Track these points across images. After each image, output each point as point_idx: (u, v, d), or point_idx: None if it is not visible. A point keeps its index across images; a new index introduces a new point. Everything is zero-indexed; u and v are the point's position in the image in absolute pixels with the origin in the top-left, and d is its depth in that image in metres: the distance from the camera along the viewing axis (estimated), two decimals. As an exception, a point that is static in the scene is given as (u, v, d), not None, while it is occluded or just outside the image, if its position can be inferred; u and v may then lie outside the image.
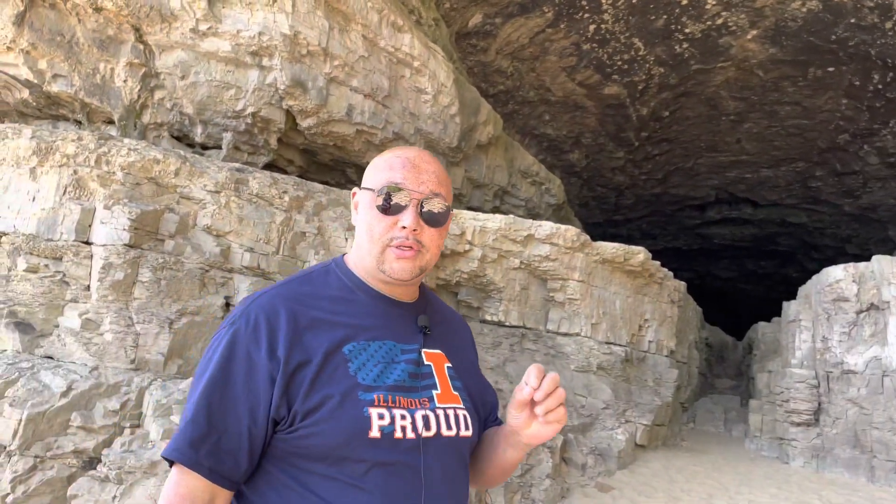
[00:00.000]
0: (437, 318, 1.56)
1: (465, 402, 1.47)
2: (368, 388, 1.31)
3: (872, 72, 15.11)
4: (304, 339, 1.31)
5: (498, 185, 13.82)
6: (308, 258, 8.56)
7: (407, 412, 1.33)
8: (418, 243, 1.41)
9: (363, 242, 1.45)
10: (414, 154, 1.47)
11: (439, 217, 1.43)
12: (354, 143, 10.30)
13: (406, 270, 1.40)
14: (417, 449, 1.32)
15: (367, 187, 1.45)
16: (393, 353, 1.39)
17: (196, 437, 1.26)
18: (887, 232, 21.26)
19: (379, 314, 1.44)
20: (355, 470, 1.27)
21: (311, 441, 1.26)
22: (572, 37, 14.58)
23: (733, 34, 14.61)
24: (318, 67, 9.38)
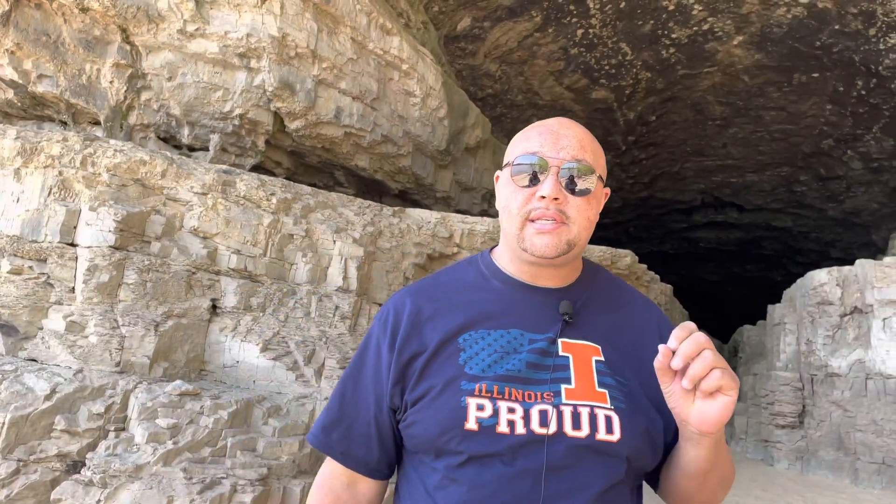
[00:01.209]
0: (599, 305, 1.36)
1: (618, 403, 1.23)
2: (473, 377, 1.22)
3: (856, 78, 15.29)
4: (423, 331, 1.30)
5: (486, 189, 13.84)
6: (295, 260, 8.53)
7: (519, 405, 1.20)
8: (561, 214, 1.26)
9: (503, 222, 1.34)
10: (553, 121, 1.35)
11: (583, 185, 1.28)
12: (343, 146, 10.28)
13: (549, 246, 1.26)
14: (526, 446, 1.18)
15: (505, 163, 1.36)
16: (517, 342, 1.27)
17: (328, 423, 1.35)
18: (870, 236, 21.49)
19: (511, 302, 1.33)
20: (452, 462, 1.21)
21: (415, 430, 1.25)
22: (560, 41, 14.65)
23: (719, 40, 14.74)
24: (306, 69, 9.36)
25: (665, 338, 1.21)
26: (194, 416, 6.27)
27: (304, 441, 6.80)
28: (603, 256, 11.44)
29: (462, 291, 1.36)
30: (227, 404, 6.50)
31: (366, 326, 8.69)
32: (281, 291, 8.19)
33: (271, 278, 8.26)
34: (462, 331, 1.28)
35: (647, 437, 1.23)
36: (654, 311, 1.43)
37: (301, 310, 8.21)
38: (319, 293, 8.44)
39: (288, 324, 8.01)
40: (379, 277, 9.26)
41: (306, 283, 8.48)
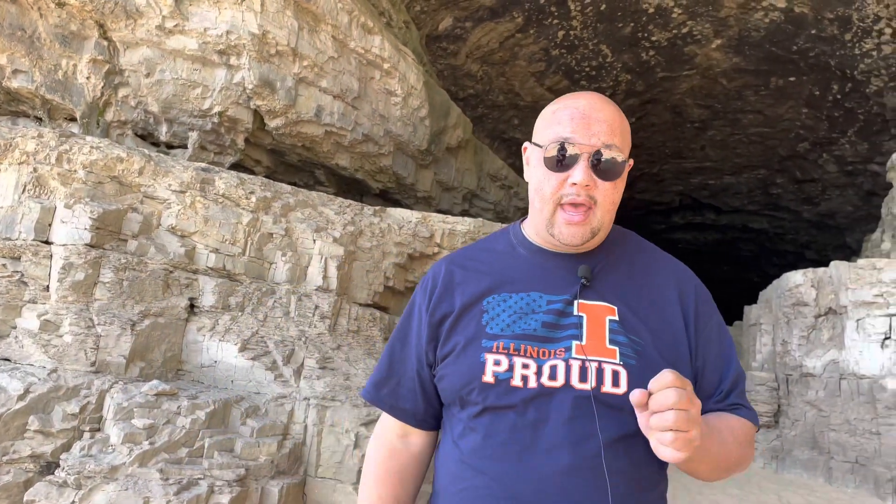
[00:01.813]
0: (620, 268, 1.43)
1: (627, 359, 1.29)
2: (493, 336, 1.33)
3: (832, 82, 15.53)
4: (454, 294, 1.42)
5: (467, 188, 13.85)
6: (275, 259, 8.47)
7: (533, 361, 1.30)
8: (591, 199, 1.34)
9: (534, 200, 1.42)
10: (584, 102, 1.37)
11: (614, 169, 1.34)
12: (323, 145, 10.23)
13: (576, 235, 1.35)
14: (537, 399, 1.27)
15: (536, 143, 1.42)
16: (536, 304, 1.36)
17: (379, 380, 1.53)
18: (845, 238, 21.84)
19: (534, 267, 1.43)
20: (472, 412, 1.33)
21: (444, 384, 1.40)
22: (541, 42, 14.71)
23: (698, 43, 14.89)
24: (286, 67, 9.30)
25: (685, 304, 1.39)
26: (171, 416, 6.21)
27: (282, 442, 6.76)
28: (583, 257, 11.52)
29: (491, 259, 1.48)
30: (204, 404, 6.44)
31: (346, 326, 8.65)
32: (260, 291, 8.13)
33: (250, 277, 8.20)
34: (486, 293, 1.40)
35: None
36: (680, 273, 1.47)
37: (280, 309, 8.16)
38: (299, 293, 8.40)
39: (267, 323, 7.95)
40: (359, 277, 9.24)
41: (286, 282, 8.43)
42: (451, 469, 1.37)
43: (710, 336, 1.41)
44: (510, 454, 1.27)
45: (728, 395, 1.41)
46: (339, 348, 8.14)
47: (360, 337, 8.73)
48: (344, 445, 7.00)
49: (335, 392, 7.24)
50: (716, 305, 1.48)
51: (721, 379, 1.41)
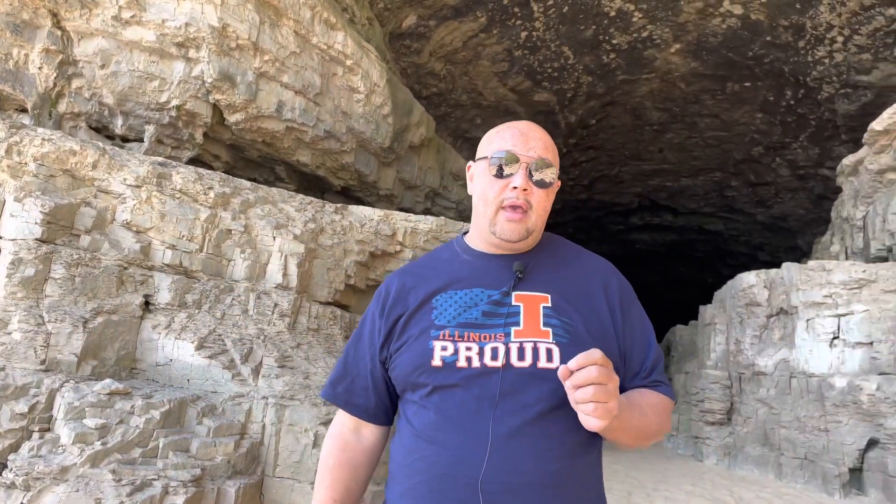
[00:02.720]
0: (551, 264, 1.63)
1: (559, 338, 1.48)
2: (440, 326, 1.52)
3: (785, 88, 15.96)
4: (407, 297, 1.60)
5: (429, 187, 13.85)
6: (233, 257, 8.35)
7: (476, 345, 1.47)
8: (528, 203, 1.54)
9: (478, 206, 1.62)
10: (522, 124, 1.62)
11: (547, 179, 1.56)
12: (284, 140, 10.11)
13: (515, 231, 1.55)
14: (481, 376, 1.44)
15: (481, 157, 1.62)
16: (477, 298, 1.55)
17: (335, 379, 1.71)
18: (796, 240, 22.47)
19: (476, 268, 1.61)
20: (423, 392, 1.50)
21: (395, 373, 1.57)
22: (504, 43, 14.79)
23: (658, 47, 15.15)
24: (247, 62, 9.17)
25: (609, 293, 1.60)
26: (124, 415, 6.06)
27: (239, 441, 6.67)
28: (543, 256, 11.61)
29: (438, 266, 1.67)
30: (159, 404, 6.31)
31: (306, 324, 8.57)
32: (218, 288, 8.00)
33: (208, 274, 8.07)
34: (435, 293, 1.58)
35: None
36: (603, 268, 1.68)
37: (238, 307, 8.05)
38: (258, 290, 8.29)
39: (225, 321, 7.83)
40: (320, 275, 9.16)
41: (244, 279, 8.32)
42: (406, 444, 1.52)
43: (633, 322, 1.61)
44: (459, 425, 1.43)
45: (650, 372, 1.61)
46: (298, 347, 8.06)
47: (321, 335, 8.66)
48: (303, 445, 6.94)
49: (294, 391, 7.17)
50: (636, 296, 1.70)
51: (644, 359, 1.61)
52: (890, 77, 14.22)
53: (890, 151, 11.24)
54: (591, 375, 1.24)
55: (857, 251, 12.81)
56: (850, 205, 13.26)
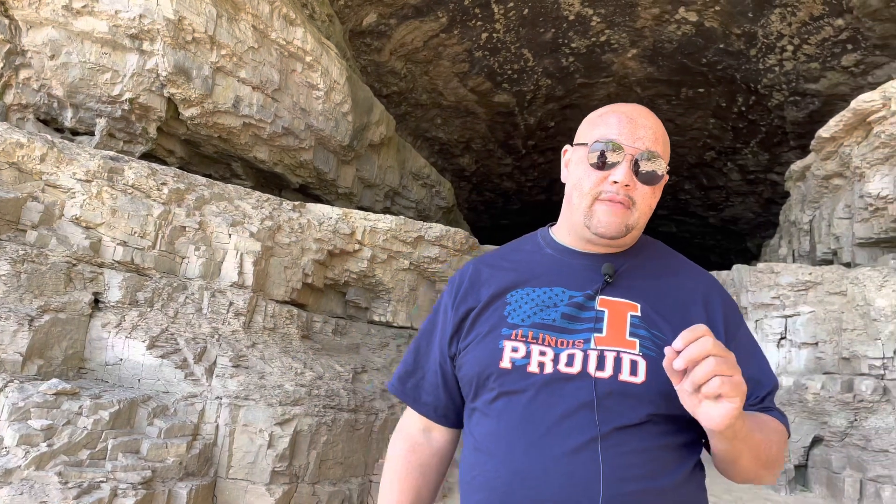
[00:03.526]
0: (645, 270, 1.45)
1: (647, 351, 1.30)
2: (512, 325, 1.36)
3: (737, 94, 16.38)
4: (480, 289, 1.46)
5: (389, 186, 13.80)
6: (187, 254, 8.19)
7: (551, 349, 1.32)
8: (629, 199, 1.36)
9: (572, 197, 1.44)
10: (631, 109, 1.42)
11: (654, 174, 1.37)
12: (241, 136, 9.96)
13: (612, 225, 1.37)
14: (552, 384, 1.29)
15: (580, 142, 1.44)
16: (558, 298, 1.39)
17: (404, 374, 1.57)
18: (745, 243, 23.08)
19: (559, 265, 1.46)
20: (487, 398, 1.36)
21: (462, 372, 1.43)
22: (465, 43, 14.83)
23: (615, 52, 15.39)
24: (203, 55, 9.00)
25: (711, 310, 1.40)
26: (72, 416, 5.89)
27: (191, 442, 6.55)
28: (501, 257, 11.68)
29: (518, 258, 1.52)
30: (108, 404, 6.15)
31: (261, 324, 8.46)
32: (171, 286, 7.83)
33: (160, 272, 7.89)
34: (511, 288, 1.43)
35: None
36: (704, 281, 1.48)
37: (192, 305, 7.89)
38: (212, 288, 8.15)
39: (177, 320, 7.67)
40: (277, 273, 9.05)
41: (198, 277, 8.16)
42: (467, 458, 1.39)
43: (741, 344, 1.40)
44: (521, 436, 1.28)
45: (762, 400, 1.40)
46: (253, 346, 7.95)
47: (277, 335, 8.55)
48: (257, 445, 6.85)
49: (249, 391, 7.07)
50: (742, 317, 1.50)
51: (754, 387, 1.38)
52: (837, 86, 14.72)
53: (836, 158, 11.63)
54: (707, 347, 1.07)
55: (804, 254, 13.23)
56: (797, 209, 13.68)
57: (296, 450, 7.06)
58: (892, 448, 8.27)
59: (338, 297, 10.75)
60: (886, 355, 8.87)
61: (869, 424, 8.76)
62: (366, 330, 10.57)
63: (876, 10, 12.32)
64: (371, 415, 8.27)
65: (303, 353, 8.43)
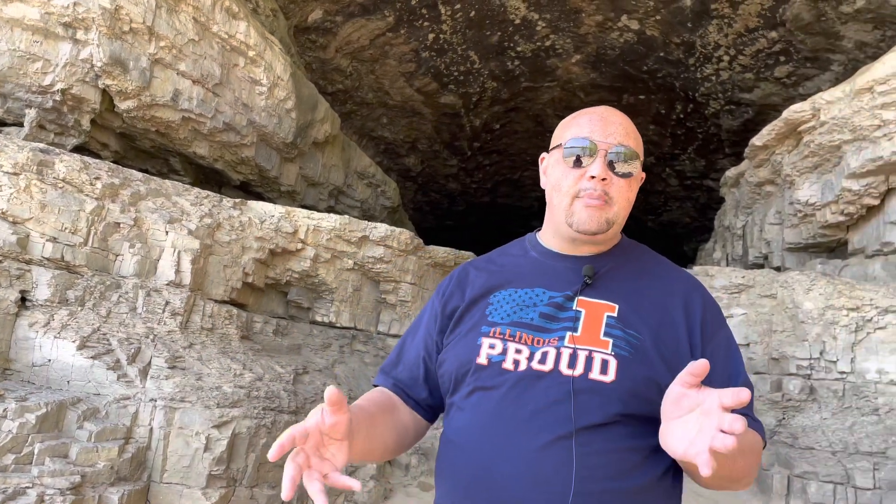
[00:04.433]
0: (626, 272, 1.48)
1: (620, 350, 1.32)
2: (492, 323, 1.41)
3: (676, 102, 16.85)
4: (465, 289, 1.53)
5: (333, 185, 13.66)
6: (122, 251, 7.91)
7: (527, 347, 1.36)
8: (606, 194, 1.40)
9: (552, 198, 1.49)
10: (601, 109, 1.50)
11: (628, 167, 1.43)
12: (180, 131, 9.69)
13: (593, 221, 1.40)
14: (524, 381, 1.32)
15: (556, 145, 1.49)
16: (538, 298, 1.43)
17: (387, 366, 1.62)
18: (682, 247, 23.77)
19: (542, 267, 1.50)
20: (463, 393, 1.40)
21: (443, 369, 1.47)
22: (412, 43, 14.81)
23: (559, 57, 15.62)
24: (141, 47, 8.72)
25: (690, 312, 1.40)
26: (-6, 420, 5.62)
27: (124, 446, 6.33)
28: (447, 257, 11.70)
29: (504, 261, 1.58)
30: (35, 407, 5.89)
31: (199, 324, 8.25)
32: (103, 284, 7.56)
33: (92, 270, 7.61)
34: (495, 289, 1.48)
35: (648, 386, 1.29)
36: (686, 283, 1.50)
37: (126, 305, 7.64)
38: (148, 287, 7.90)
39: (110, 320, 7.41)
40: (216, 272, 8.84)
41: (133, 276, 7.90)
42: (441, 450, 1.43)
43: (718, 347, 1.40)
44: (490, 431, 1.31)
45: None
46: (191, 347, 7.74)
47: (215, 335, 8.35)
48: (193, 449, 6.67)
49: (185, 393, 6.88)
50: (724, 318, 1.49)
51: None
52: (769, 96, 15.31)
53: (768, 166, 12.09)
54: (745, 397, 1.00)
55: (737, 258, 13.70)
56: (731, 214, 14.16)
57: (234, 453, 6.91)
58: (818, 446, 8.64)
59: (279, 297, 10.58)
60: (813, 356, 9.27)
61: (796, 423, 9.13)
62: (308, 330, 10.43)
63: (807, 24, 12.87)
64: (312, 416, 8.16)
65: (242, 353, 8.26)
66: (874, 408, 8.64)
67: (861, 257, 10.52)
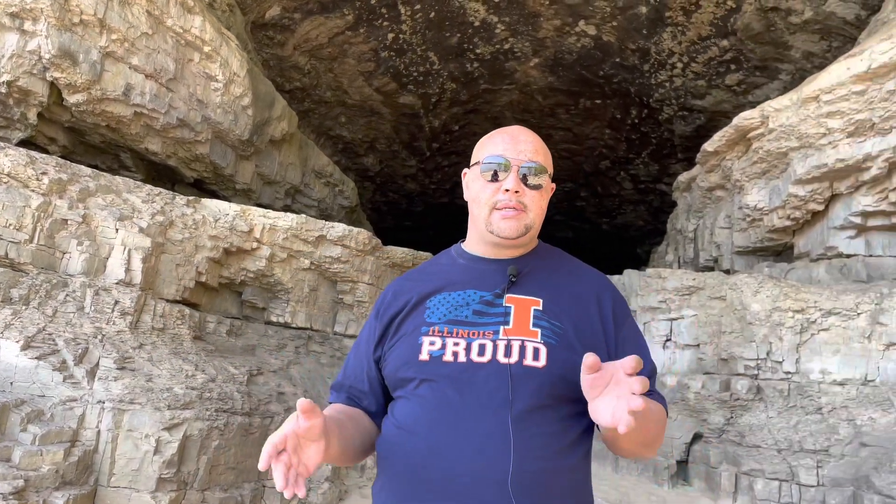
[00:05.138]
0: (546, 270, 1.67)
1: (548, 339, 1.50)
2: (430, 324, 1.56)
3: (631, 107, 17.15)
4: (402, 300, 1.65)
5: (290, 184, 13.51)
6: (69, 249, 7.69)
7: (463, 340, 1.51)
8: (521, 204, 1.58)
9: (473, 210, 1.67)
10: (514, 129, 1.68)
11: (537, 181, 1.61)
12: (132, 126, 9.46)
13: (511, 228, 1.59)
14: (466, 371, 1.47)
15: (475, 162, 1.68)
16: (470, 298, 1.59)
17: (336, 385, 1.75)
18: (636, 249, 24.20)
19: (472, 271, 1.66)
20: (410, 387, 1.53)
21: (387, 370, 1.60)
22: (371, 43, 14.75)
23: (518, 60, 15.76)
24: (92, 39, 8.49)
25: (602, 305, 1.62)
26: (-69, 424, 5.40)
27: (70, 449, 6.15)
28: (405, 258, 11.68)
29: (435, 270, 1.73)
30: (-25, 410, 5.68)
31: (150, 324, 8.06)
32: (49, 283, 7.33)
33: (38, 268, 7.37)
34: (430, 295, 1.63)
35: (574, 370, 1.40)
36: (596, 280, 1.71)
37: (73, 304, 7.42)
38: (96, 286, 7.69)
39: (56, 319, 7.19)
40: (168, 271, 8.65)
41: (81, 274, 7.68)
42: (389, 438, 1.55)
43: (629, 334, 1.64)
44: (439, 417, 1.46)
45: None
46: (141, 347, 7.57)
47: (167, 335, 8.17)
48: (143, 451, 6.52)
49: (135, 394, 6.71)
50: (630, 310, 1.73)
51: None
52: (721, 103, 15.71)
53: (718, 171, 12.41)
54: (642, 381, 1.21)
55: (689, 260, 14.02)
56: (683, 218, 14.48)
57: (185, 455, 6.77)
58: (764, 444, 8.90)
59: (233, 297, 10.41)
60: (760, 356, 9.54)
61: (743, 421, 9.38)
62: (263, 331, 10.29)
63: (757, 34, 13.25)
64: (266, 418, 8.05)
65: (194, 354, 8.11)
66: (817, 407, 8.94)
67: (806, 261, 10.86)
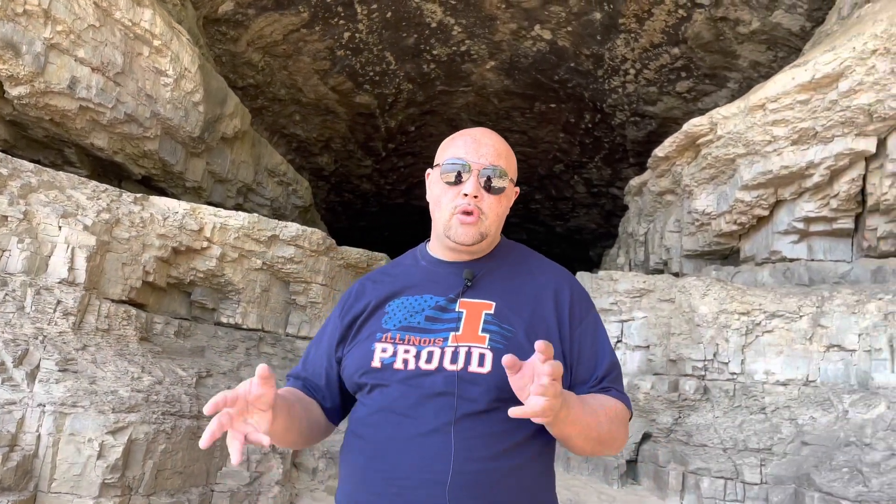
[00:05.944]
0: (503, 272, 1.67)
1: (495, 344, 1.51)
2: (385, 330, 1.59)
3: (585, 112, 17.40)
4: (364, 302, 1.68)
5: (242, 182, 13.27)
6: (9, 246, 7.40)
7: (414, 348, 1.54)
8: (479, 209, 1.59)
9: (434, 213, 1.68)
10: (476, 131, 1.69)
11: (498, 185, 1.61)
12: (77, 121, 9.16)
13: (468, 234, 1.60)
14: (414, 378, 1.50)
15: (437, 164, 1.69)
16: (425, 303, 1.61)
17: (294, 374, 1.79)
18: (588, 252, 24.56)
19: (431, 275, 1.67)
20: (364, 392, 1.58)
21: (345, 374, 1.65)
22: (327, 41, 14.62)
23: (474, 62, 15.82)
24: (36, 30, 8.20)
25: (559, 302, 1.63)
26: None
27: (8, 454, 5.92)
28: (360, 259, 11.60)
29: (398, 272, 1.75)
30: None
31: (94, 324, 7.82)
32: (-13, 281, 7.04)
33: (-25, 266, 7.08)
34: (390, 298, 1.65)
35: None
36: (558, 277, 1.71)
37: (13, 304, 7.14)
38: (38, 285, 7.42)
39: (-5, 319, 6.91)
40: (113, 270, 8.41)
41: (21, 273, 7.41)
42: (346, 442, 1.60)
43: (586, 330, 1.64)
44: (386, 422, 1.50)
45: (602, 380, 1.62)
46: (84, 349, 7.33)
47: (111, 336, 7.94)
48: (85, 456, 6.31)
49: (78, 397, 6.50)
50: (593, 304, 1.73)
51: (595, 368, 1.62)
52: (671, 109, 16.05)
53: (669, 176, 12.67)
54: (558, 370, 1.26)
55: (639, 263, 14.28)
56: (634, 221, 14.75)
57: (130, 460, 6.59)
58: (710, 443, 9.12)
59: (182, 297, 10.17)
60: (707, 358, 9.78)
61: (691, 421, 9.60)
62: (212, 332, 10.08)
63: (707, 43, 13.59)
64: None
65: (141, 356, 7.89)
66: (761, 406, 9.21)
67: (752, 264, 11.19)
